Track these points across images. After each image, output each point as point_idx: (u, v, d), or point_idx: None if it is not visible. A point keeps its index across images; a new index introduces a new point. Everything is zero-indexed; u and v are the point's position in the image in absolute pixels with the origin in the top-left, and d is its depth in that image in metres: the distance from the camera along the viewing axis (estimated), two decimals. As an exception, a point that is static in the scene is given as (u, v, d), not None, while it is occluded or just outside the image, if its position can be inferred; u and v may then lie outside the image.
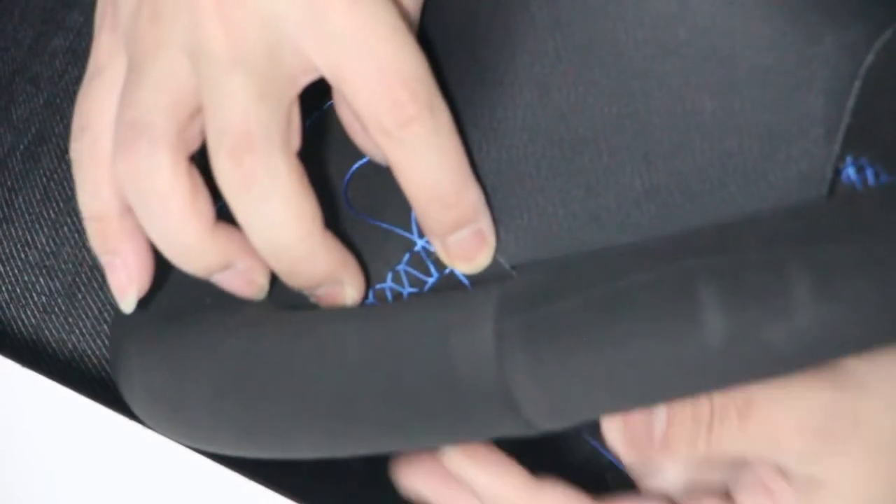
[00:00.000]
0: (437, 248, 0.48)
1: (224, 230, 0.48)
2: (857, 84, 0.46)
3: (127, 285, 0.50)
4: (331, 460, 0.47)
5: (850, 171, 0.46)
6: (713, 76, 0.46)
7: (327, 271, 0.48)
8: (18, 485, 0.53)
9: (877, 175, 0.46)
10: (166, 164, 0.47)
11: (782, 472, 0.45)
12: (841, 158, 0.46)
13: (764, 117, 0.46)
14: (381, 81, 0.45)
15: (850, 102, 0.46)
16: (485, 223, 0.48)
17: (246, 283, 0.49)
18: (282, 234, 0.47)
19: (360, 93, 0.46)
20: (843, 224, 0.42)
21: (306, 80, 0.47)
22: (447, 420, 0.44)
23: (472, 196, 0.47)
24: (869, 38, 0.46)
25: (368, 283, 0.49)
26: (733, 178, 0.46)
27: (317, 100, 0.50)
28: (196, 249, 0.48)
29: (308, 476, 0.53)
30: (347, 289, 0.49)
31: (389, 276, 0.48)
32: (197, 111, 0.47)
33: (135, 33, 0.47)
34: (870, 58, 0.46)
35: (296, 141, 0.47)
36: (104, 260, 0.50)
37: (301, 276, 0.48)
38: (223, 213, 0.48)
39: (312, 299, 0.49)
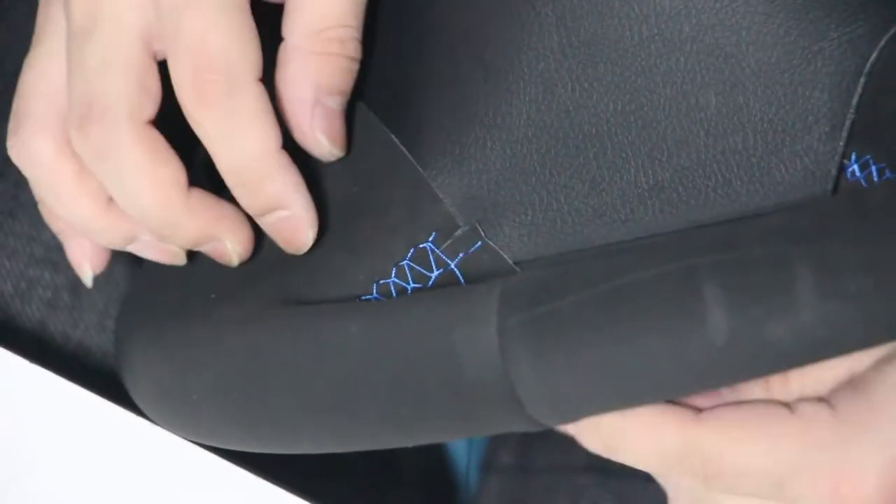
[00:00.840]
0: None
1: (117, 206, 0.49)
2: (862, 81, 0.46)
3: (81, 259, 0.52)
4: (334, 455, 0.47)
5: (854, 168, 0.46)
6: (718, 72, 0.46)
7: (198, 232, 0.48)
8: (23, 480, 0.53)
9: (881, 172, 0.46)
10: (49, 148, 0.49)
11: None
12: (845, 155, 0.46)
13: (768, 113, 0.46)
14: (186, 57, 0.46)
15: (855, 99, 0.46)
16: (298, 208, 0.48)
17: (158, 251, 0.50)
18: (140, 203, 0.47)
19: (174, 65, 0.46)
20: (848, 221, 0.42)
21: (160, 44, 0.47)
22: (450, 416, 0.44)
23: (275, 185, 0.47)
24: (874, 36, 0.46)
25: (374, 275, 0.49)
26: (737, 175, 0.46)
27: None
28: (95, 226, 0.49)
29: (311, 469, 0.53)
30: (228, 244, 0.49)
31: (393, 270, 0.48)
32: None
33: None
34: (874, 55, 0.46)
35: (149, 108, 0.47)
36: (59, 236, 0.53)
37: (173, 238, 0.49)
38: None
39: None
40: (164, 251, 0.50)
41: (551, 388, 0.42)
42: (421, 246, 0.48)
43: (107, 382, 0.58)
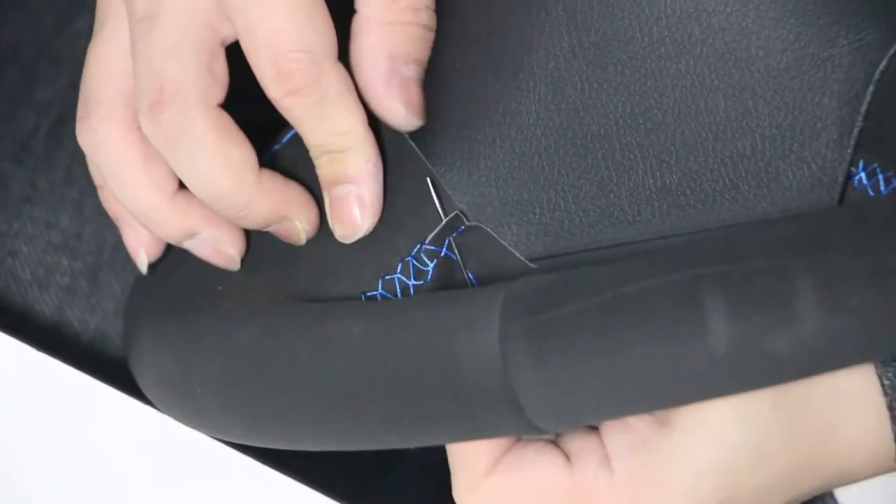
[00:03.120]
0: (325, 200, 0.49)
1: (185, 198, 0.49)
2: (871, 89, 0.45)
3: (137, 245, 0.52)
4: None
5: (861, 176, 0.46)
6: (727, 76, 0.46)
7: (270, 212, 0.49)
8: (37, 472, 0.54)
9: (888, 181, 0.46)
10: (117, 134, 0.49)
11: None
12: (853, 163, 0.46)
13: (777, 119, 0.46)
14: (269, 49, 0.46)
15: (864, 107, 0.45)
16: (367, 191, 0.48)
17: (214, 252, 0.50)
18: (214, 185, 0.48)
19: (252, 56, 0.46)
20: (850, 234, 0.41)
21: (226, 30, 0.47)
22: (450, 419, 0.44)
23: (359, 157, 0.48)
24: (883, 43, 0.45)
25: (379, 271, 0.49)
26: (745, 179, 0.46)
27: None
28: (157, 216, 0.50)
29: (317, 458, 0.53)
30: (297, 223, 0.49)
31: (399, 266, 0.48)
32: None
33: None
34: (884, 63, 0.45)
35: (218, 91, 0.47)
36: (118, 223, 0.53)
37: (245, 219, 0.49)
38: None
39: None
40: (220, 254, 0.50)
41: (552, 394, 0.42)
42: (426, 245, 0.48)
43: (124, 368, 0.58)
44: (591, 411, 0.43)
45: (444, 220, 0.48)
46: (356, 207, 0.48)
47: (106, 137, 0.49)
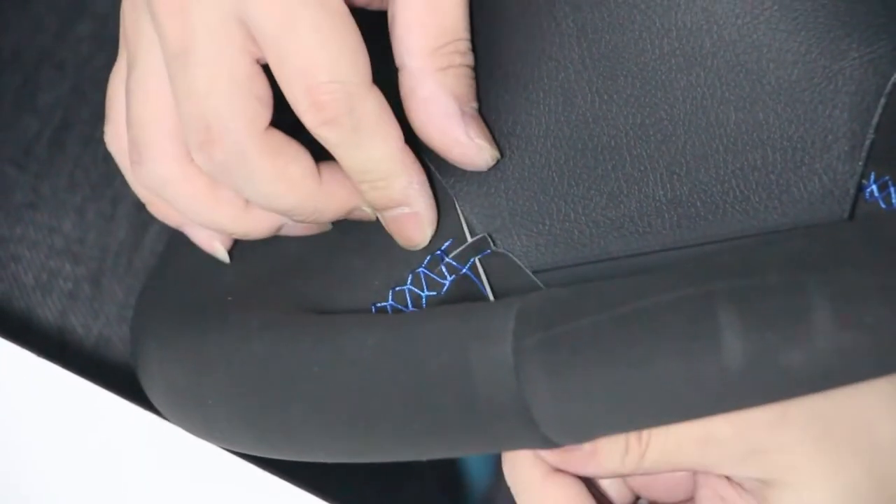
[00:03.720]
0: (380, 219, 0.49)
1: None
2: (882, 101, 0.45)
3: (210, 240, 0.52)
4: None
5: (873, 189, 0.46)
6: (738, 88, 0.46)
7: (339, 209, 0.49)
8: (39, 480, 0.54)
9: None
10: (176, 172, 0.49)
11: (734, 482, 0.45)
12: (864, 176, 0.46)
13: (788, 131, 0.46)
14: (302, 80, 0.46)
15: (875, 119, 0.45)
16: (421, 206, 0.48)
17: (306, 228, 0.51)
18: (280, 204, 0.48)
19: (285, 87, 0.46)
20: (865, 249, 0.41)
21: (258, 50, 0.47)
22: (464, 432, 0.44)
23: (400, 182, 0.48)
24: (894, 56, 0.45)
25: (389, 283, 0.49)
26: (756, 191, 0.46)
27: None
28: (239, 227, 0.50)
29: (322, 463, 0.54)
30: (366, 209, 0.49)
31: (409, 277, 0.48)
32: None
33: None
34: (895, 75, 0.45)
35: (264, 115, 0.47)
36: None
37: (318, 219, 0.49)
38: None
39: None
40: (310, 227, 0.51)
41: (566, 408, 0.42)
42: (437, 253, 0.48)
43: (127, 373, 0.58)
44: (605, 425, 0.43)
45: (470, 241, 0.48)
46: (412, 223, 0.48)
47: (166, 177, 0.49)
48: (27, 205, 0.61)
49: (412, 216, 0.48)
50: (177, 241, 0.54)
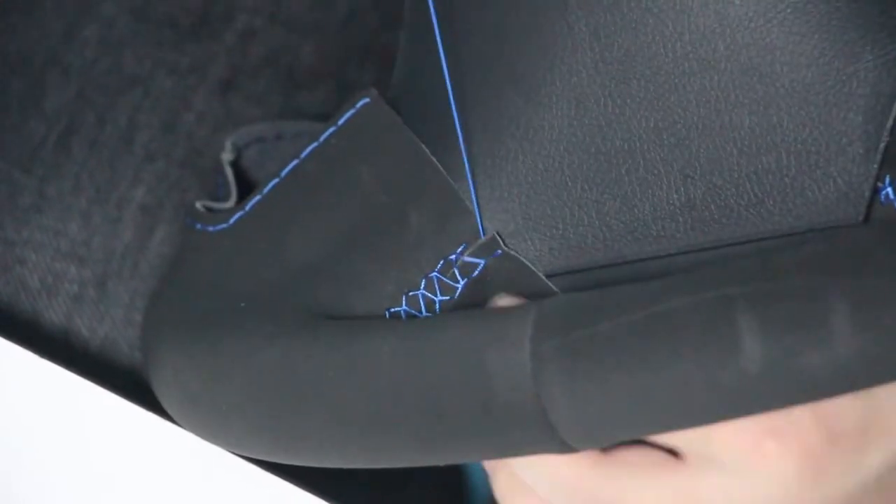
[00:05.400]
0: None
1: None
2: None
3: None
4: None
5: (888, 192, 0.46)
6: (752, 91, 0.46)
7: None
8: (42, 479, 0.54)
9: None
10: None
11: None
12: (879, 178, 0.46)
13: (802, 134, 0.46)
14: None
15: (890, 122, 0.45)
16: None
17: None
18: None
19: None
20: (884, 253, 0.42)
21: None
22: (481, 438, 0.44)
23: None
24: None
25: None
26: (770, 195, 0.46)
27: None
28: None
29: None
30: None
31: (423, 282, 0.48)
32: None
33: None
34: None
35: None
36: None
37: None
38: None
39: None
40: None
41: (584, 413, 0.42)
42: (450, 258, 0.48)
43: (133, 377, 0.58)
44: (623, 430, 0.43)
45: (483, 239, 0.48)
46: None
47: None
48: (33, 208, 0.61)
49: None
50: (187, 246, 0.54)
